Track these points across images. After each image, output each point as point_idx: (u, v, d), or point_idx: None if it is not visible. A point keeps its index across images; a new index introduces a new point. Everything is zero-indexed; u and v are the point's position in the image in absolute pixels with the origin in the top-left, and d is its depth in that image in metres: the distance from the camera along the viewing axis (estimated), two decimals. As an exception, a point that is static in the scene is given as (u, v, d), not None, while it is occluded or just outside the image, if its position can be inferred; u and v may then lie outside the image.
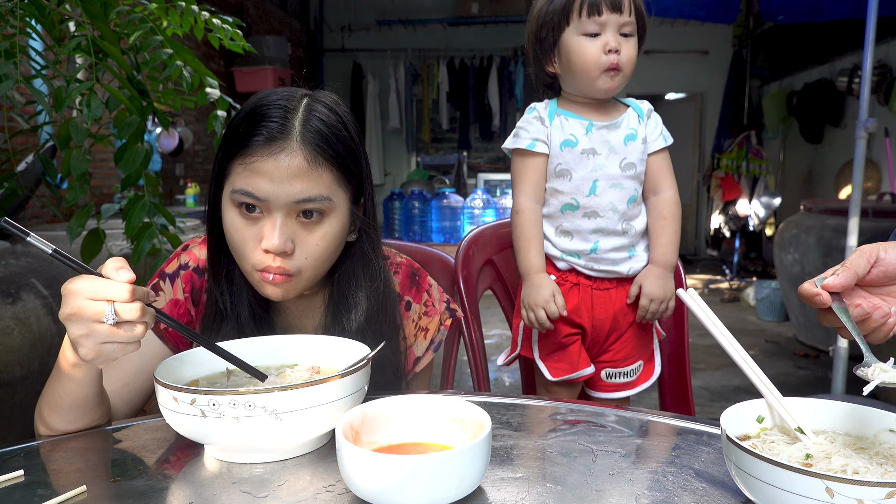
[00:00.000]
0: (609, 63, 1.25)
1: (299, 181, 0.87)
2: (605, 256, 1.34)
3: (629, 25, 1.26)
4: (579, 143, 1.31)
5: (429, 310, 1.09)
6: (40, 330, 1.83)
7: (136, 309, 0.70)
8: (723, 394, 3.42)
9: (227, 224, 0.92)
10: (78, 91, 1.33)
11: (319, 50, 8.03)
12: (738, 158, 6.31)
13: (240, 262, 0.93)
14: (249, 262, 0.91)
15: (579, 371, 1.38)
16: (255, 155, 0.87)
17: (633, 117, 1.35)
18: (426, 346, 1.08)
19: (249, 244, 0.90)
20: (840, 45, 5.59)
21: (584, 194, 1.32)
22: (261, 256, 0.89)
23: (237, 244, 0.91)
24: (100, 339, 0.71)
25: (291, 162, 0.87)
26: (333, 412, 0.72)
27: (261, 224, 0.89)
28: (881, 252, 0.72)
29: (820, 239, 3.77)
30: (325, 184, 0.89)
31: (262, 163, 0.87)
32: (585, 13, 1.25)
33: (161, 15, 1.60)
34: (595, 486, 0.66)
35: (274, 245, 0.87)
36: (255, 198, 0.87)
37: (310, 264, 0.92)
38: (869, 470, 0.60)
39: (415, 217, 5.32)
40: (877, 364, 0.67)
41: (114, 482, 0.70)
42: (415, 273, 1.11)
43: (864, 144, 2.71)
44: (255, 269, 0.90)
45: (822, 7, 3.80)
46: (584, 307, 1.36)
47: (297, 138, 0.87)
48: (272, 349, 0.90)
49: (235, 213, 0.90)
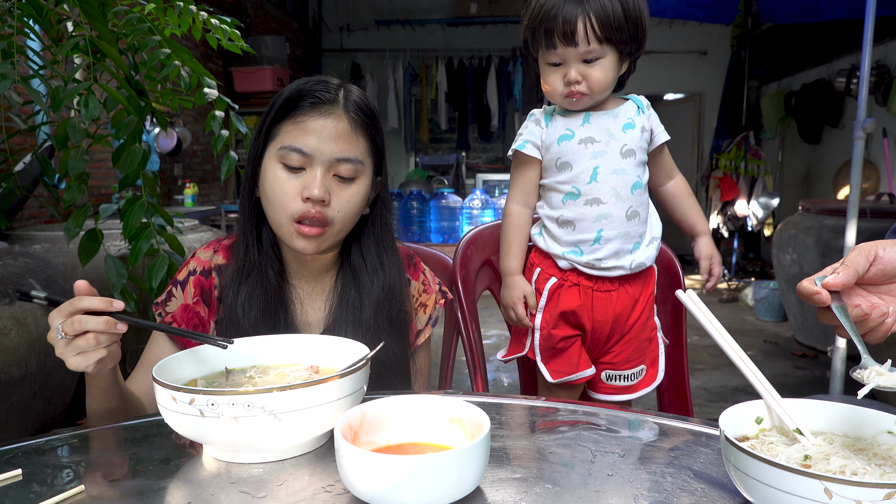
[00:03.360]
0: (568, 92, 1.27)
1: (342, 141, 1.00)
2: (609, 247, 1.32)
3: (593, 52, 1.24)
4: (576, 135, 1.32)
5: (426, 287, 1.19)
6: (38, 330, 1.83)
7: (74, 322, 0.81)
8: (721, 394, 3.43)
9: (269, 179, 1.01)
10: (76, 91, 1.32)
11: (318, 50, 8.02)
12: (736, 159, 6.32)
13: (276, 216, 1.01)
14: (288, 212, 0.99)
15: (579, 373, 1.38)
16: (305, 116, 1.00)
17: (631, 109, 1.34)
18: (426, 321, 1.18)
19: (290, 195, 0.99)
20: (838, 45, 5.59)
21: (584, 182, 1.31)
22: (300, 205, 0.99)
23: (278, 196, 1.00)
24: (67, 355, 0.83)
25: (337, 124, 1.00)
26: (332, 412, 0.72)
27: (303, 177, 1.00)
28: (880, 250, 0.72)
29: (818, 239, 3.77)
30: (360, 148, 1.03)
31: (312, 121, 0.99)
32: (544, 46, 1.26)
33: (159, 15, 1.60)
34: (594, 487, 0.66)
35: (315, 193, 0.98)
36: (302, 152, 0.99)
37: (340, 217, 1.02)
38: (867, 471, 0.60)
39: (413, 217, 5.33)
40: (873, 367, 0.67)
41: (112, 482, 0.70)
42: (410, 256, 1.20)
43: (862, 145, 2.71)
44: (292, 219, 0.99)
45: (820, 7, 3.81)
46: (584, 308, 1.36)
47: (341, 105, 1.01)
48: (272, 349, 0.90)
49: (280, 168, 1.00)
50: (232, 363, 0.87)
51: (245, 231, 1.07)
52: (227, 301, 1.05)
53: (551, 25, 1.22)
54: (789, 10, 4.05)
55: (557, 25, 1.22)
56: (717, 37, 7.45)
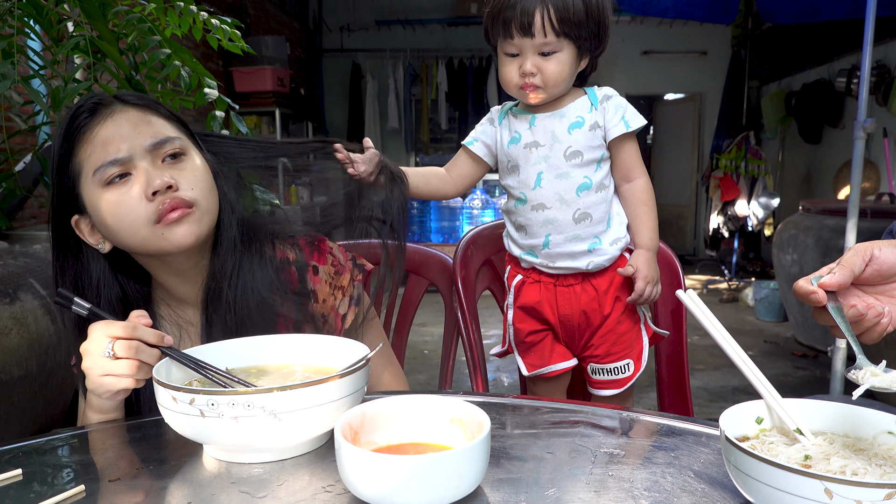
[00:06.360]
0: (523, 83, 1.26)
1: (144, 127, 0.93)
2: (560, 251, 1.32)
3: (549, 45, 1.22)
4: (522, 138, 1.32)
5: (338, 268, 1.11)
6: (38, 330, 1.83)
7: (131, 347, 0.82)
8: (721, 394, 3.43)
9: (103, 211, 0.91)
10: (76, 91, 1.33)
11: (318, 50, 8.01)
12: (736, 159, 6.32)
13: (134, 236, 0.92)
14: (143, 221, 0.90)
15: (551, 366, 1.39)
16: (92, 128, 0.92)
17: (583, 105, 1.31)
18: (348, 303, 1.11)
19: (133, 206, 0.90)
20: (839, 45, 5.59)
21: (530, 187, 1.31)
22: (150, 206, 0.90)
23: (124, 214, 0.91)
24: (99, 371, 0.83)
25: (128, 116, 0.93)
26: (332, 412, 0.72)
27: (132, 184, 0.91)
28: (875, 250, 0.72)
29: (818, 239, 3.77)
30: (169, 128, 0.96)
31: (103, 129, 0.91)
32: (501, 35, 1.25)
33: (159, 15, 1.60)
34: (594, 487, 0.66)
35: (158, 184, 0.90)
36: (118, 160, 0.90)
37: (199, 194, 0.94)
38: (868, 471, 0.60)
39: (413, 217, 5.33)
40: (868, 367, 0.67)
41: (112, 482, 0.70)
42: (313, 240, 1.12)
43: (862, 145, 2.71)
44: (151, 222, 0.91)
45: (820, 8, 3.81)
46: (546, 303, 1.37)
47: (119, 102, 0.95)
48: (272, 349, 0.90)
49: (106, 191, 0.91)
50: (232, 363, 0.87)
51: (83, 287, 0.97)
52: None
53: (510, 15, 1.21)
54: (790, 10, 4.04)
55: (516, 15, 1.20)
56: (718, 37, 7.45)
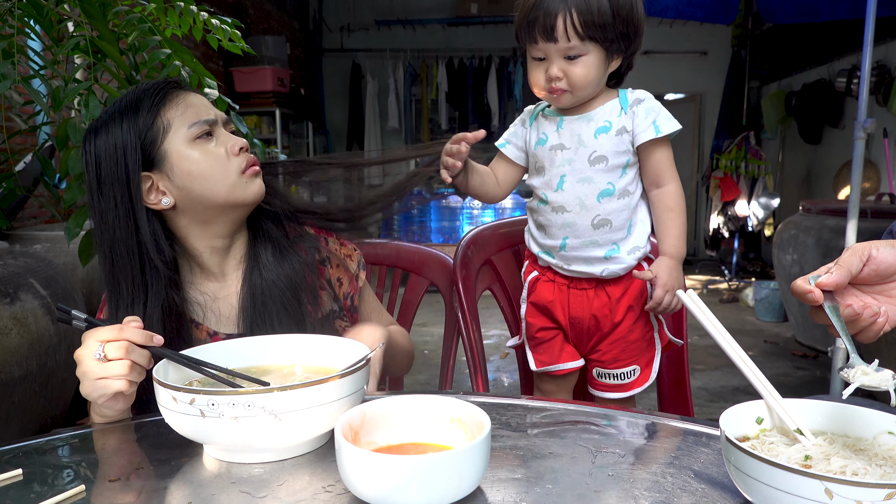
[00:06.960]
0: (549, 88, 1.24)
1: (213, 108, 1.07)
2: (577, 255, 1.31)
3: (574, 49, 1.19)
4: (549, 140, 1.31)
5: (341, 240, 1.23)
6: (38, 330, 1.83)
7: (120, 347, 0.81)
8: (722, 394, 3.42)
9: (194, 161, 1.02)
10: (76, 91, 1.33)
11: (318, 50, 8.01)
12: (736, 159, 6.31)
13: (222, 184, 1.03)
14: (234, 171, 1.03)
15: (560, 364, 1.39)
16: (184, 95, 1.04)
17: (612, 109, 1.28)
18: (356, 265, 1.22)
19: (223, 159, 1.03)
20: (839, 45, 5.59)
21: (552, 189, 1.31)
22: (240, 159, 1.04)
23: (219, 165, 1.02)
24: (93, 376, 0.82)
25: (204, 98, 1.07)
26: (332, 412, 0.72)
27: (216, 141, 1.04)
28: (873, 250, 0.72)
29: (819, 239, 3.77)
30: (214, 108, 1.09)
31: (193, 97, 1.05)
32: (527, 39, 1.23)
33: (160, 15, 1.60)
34: (594, 487, 0.66)
35: (245, 143, 1.05)
36: (208, 121, 1.03)
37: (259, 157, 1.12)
38: (868, 471, 0.60)
39: (414, 217, 5.33)
40: (860, 366, 0.67)
41: (112, 482, 0.70)
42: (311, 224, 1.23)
43: (862, 145, 2.71)
44: (239, 172, 1.03)
45: (820, 8, 3.81)
46: (558, 303, 1.37)
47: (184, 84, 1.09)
48: (272, 350, 0.90)
49: (199, 144, 1.02)
50: (232, 363, 0.87)
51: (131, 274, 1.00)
52: None
53: (534, 18, 1.19)
54: (790, 10, 4.04)
55: (539, 19, 1.18)
56: (718, 37, 7.45)
